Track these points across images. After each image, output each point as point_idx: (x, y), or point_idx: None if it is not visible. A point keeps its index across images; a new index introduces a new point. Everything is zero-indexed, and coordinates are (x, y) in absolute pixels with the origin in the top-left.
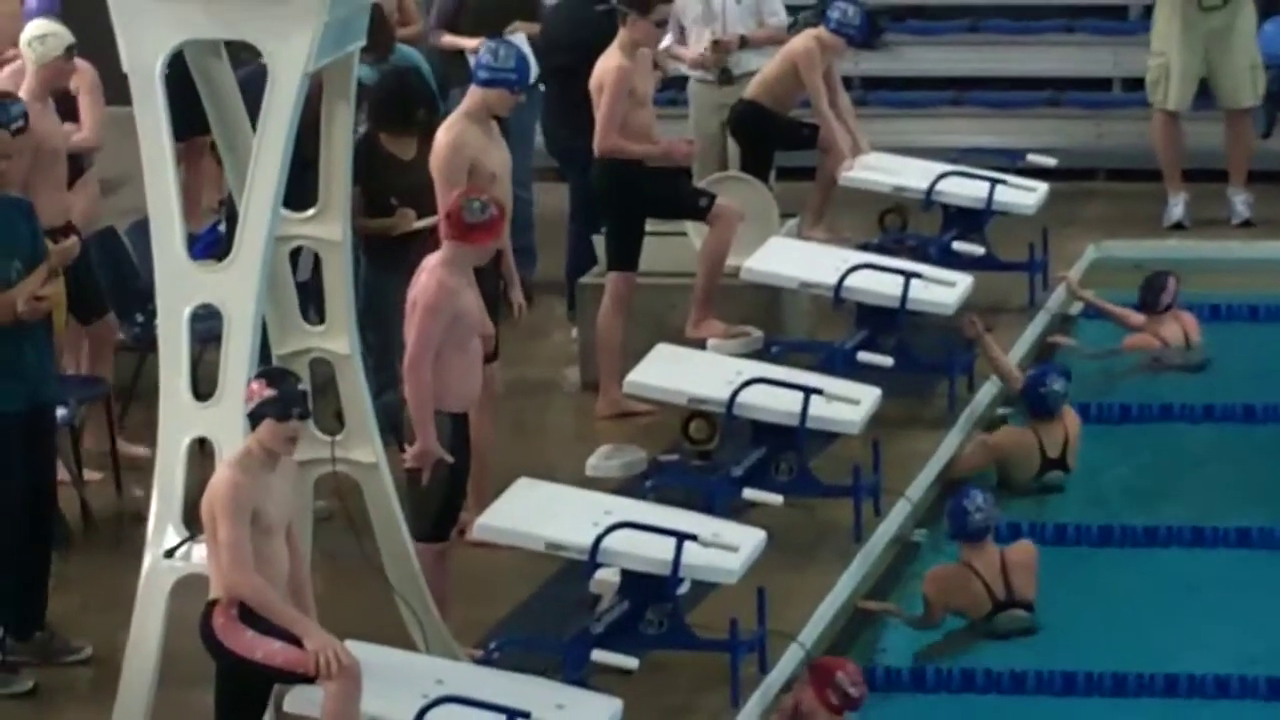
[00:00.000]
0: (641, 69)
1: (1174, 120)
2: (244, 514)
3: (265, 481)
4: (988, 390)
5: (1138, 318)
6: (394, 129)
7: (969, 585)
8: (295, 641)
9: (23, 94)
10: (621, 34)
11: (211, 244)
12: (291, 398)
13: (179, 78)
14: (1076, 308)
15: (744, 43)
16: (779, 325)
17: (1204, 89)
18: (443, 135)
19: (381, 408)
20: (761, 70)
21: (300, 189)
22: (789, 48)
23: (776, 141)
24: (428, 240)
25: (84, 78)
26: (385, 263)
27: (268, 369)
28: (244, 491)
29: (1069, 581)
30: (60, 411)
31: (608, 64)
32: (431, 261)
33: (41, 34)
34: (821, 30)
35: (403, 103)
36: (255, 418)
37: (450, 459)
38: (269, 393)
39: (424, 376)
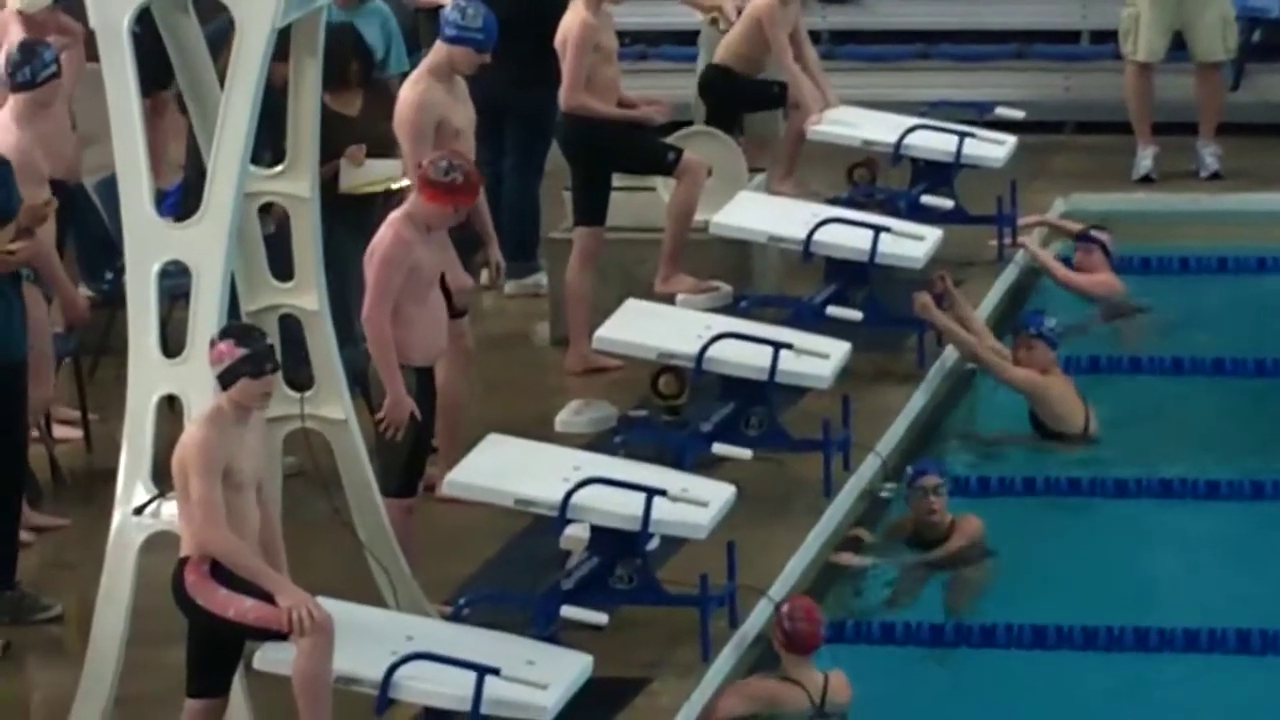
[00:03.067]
0: (606, 23)
1: (1145, 72)
2: (215, 470)
3: (237, 437)
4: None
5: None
6: (330, 87)
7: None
8: (267, 598)
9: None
10: None
11: (180, 201)
12: (264, 354)
13: (144, 33)
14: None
15: None
16: (748, 280)
17: (1177, 41)
18: (408, 92)
19: (344, 363)
20: (728, 33)
21: None
22: (752, 6)
23: (744, 103)
24: (390, 199)
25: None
26: (344, 220)
27: (230, 327)
28: (214, 448)
29: (1038, 534)
30: None
31: (572, 19)
32: (394, 215)
33: None
34: None
35: (335, 60)
36: (230, 377)
37: (418, 412)
38: (241, 351)
39: (384, 329)
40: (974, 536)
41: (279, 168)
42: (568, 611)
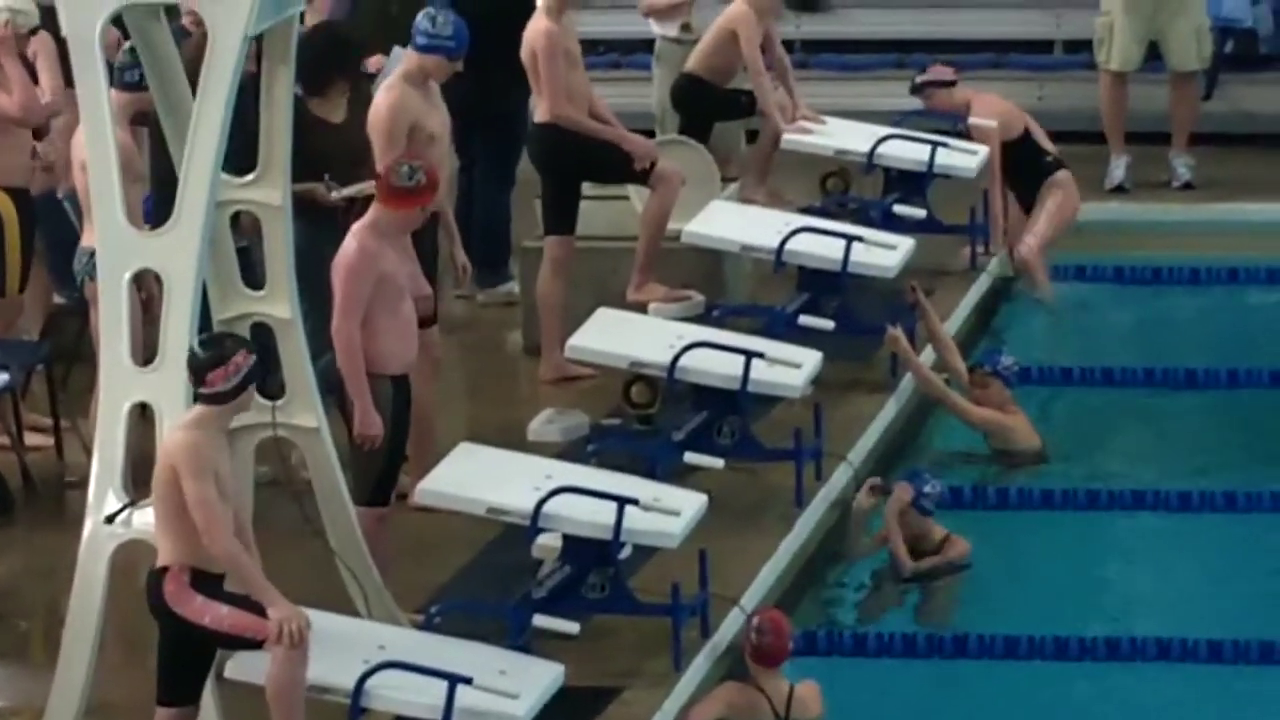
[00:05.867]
0: (569, 30)
1: (1120, 81)
2: (209, 471)
3: (221, 445)
4: (929, 354)
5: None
6: (312, 92)
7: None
8: (243, 606)
9: None
10: None
11: (152, 209)
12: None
13: None
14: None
15: None
16: (720, 289)
17: (1150, 51)
18: (382, 97)
19: (319, 371)
20: (699, 43)
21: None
22: (724, 17)
23: (715, 113)
24: (359, 205)
25: (43, 46)
26: (316, 226)
27: (234, 337)
28: (206, 451)
29: (1008, 545)
30: (2, 377)
31: (536, 29)
32: (358, 225)
33: (15, 8)
34: None
35: (317, 64)
36: (244, 385)
37: (380, 429)
38: (254, 358)
39: (353, 342)
40: (961, 558)
41: (251, 176)
42: (540, 620)
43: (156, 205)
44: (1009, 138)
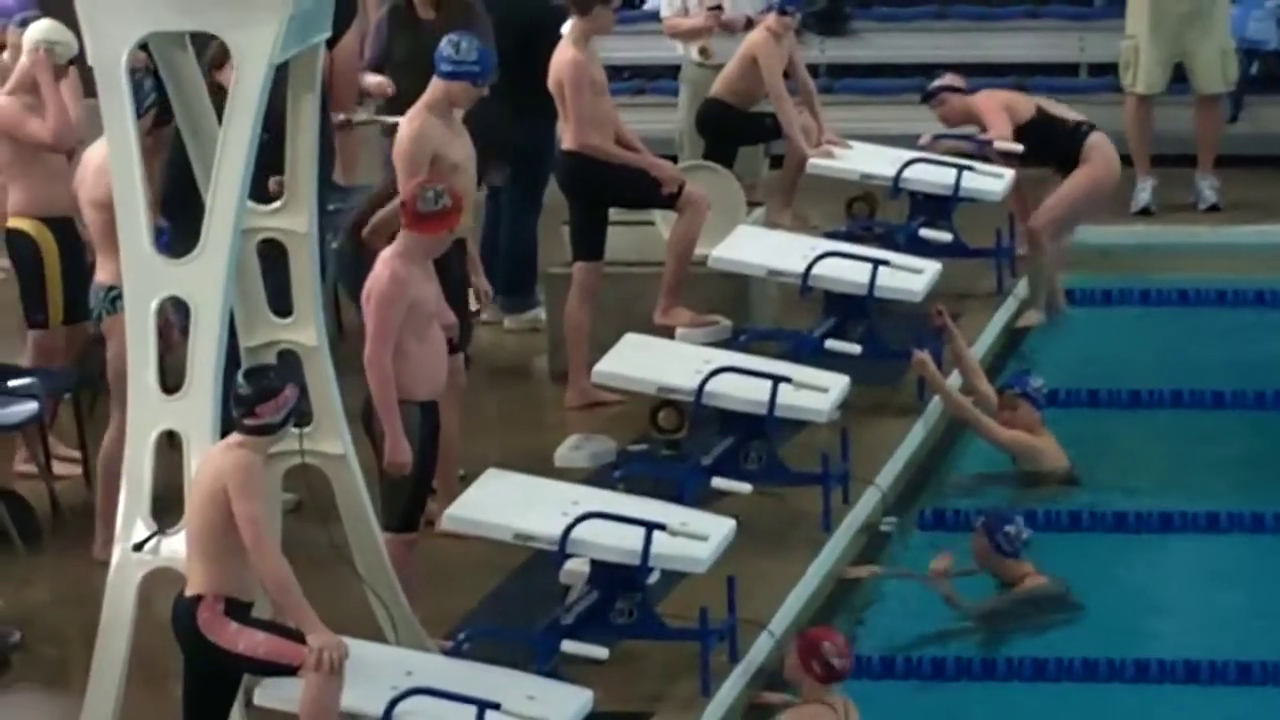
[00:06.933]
0: (595, 58)
1: (1145, 104)
2: (261, 493)
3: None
4: (955, 379)
5: None
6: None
7: None
8: (274, 632)
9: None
10: (577, 25)
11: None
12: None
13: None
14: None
15: (749, 24)
16: (747, 314)
17: (1179, 74)
18: (405, 126)
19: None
20: (724, 68)
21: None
22: (746, 44)
23: (739, 136)
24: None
25: (67, 74)
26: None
27: (274, 369)
28: (258, 472)
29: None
30: (31, 406)
31: (563, 58)
32: (387, 252)
33: (55, 39)
34: (769, 19)
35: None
36: (291, 418)
37: (410, 458)
38: (298, 392)
39: (386, 370)
40: (1039, 589)
41: (277, 203)
42: (568, 646)
43: (173, 233)
44: (1021, 121)
